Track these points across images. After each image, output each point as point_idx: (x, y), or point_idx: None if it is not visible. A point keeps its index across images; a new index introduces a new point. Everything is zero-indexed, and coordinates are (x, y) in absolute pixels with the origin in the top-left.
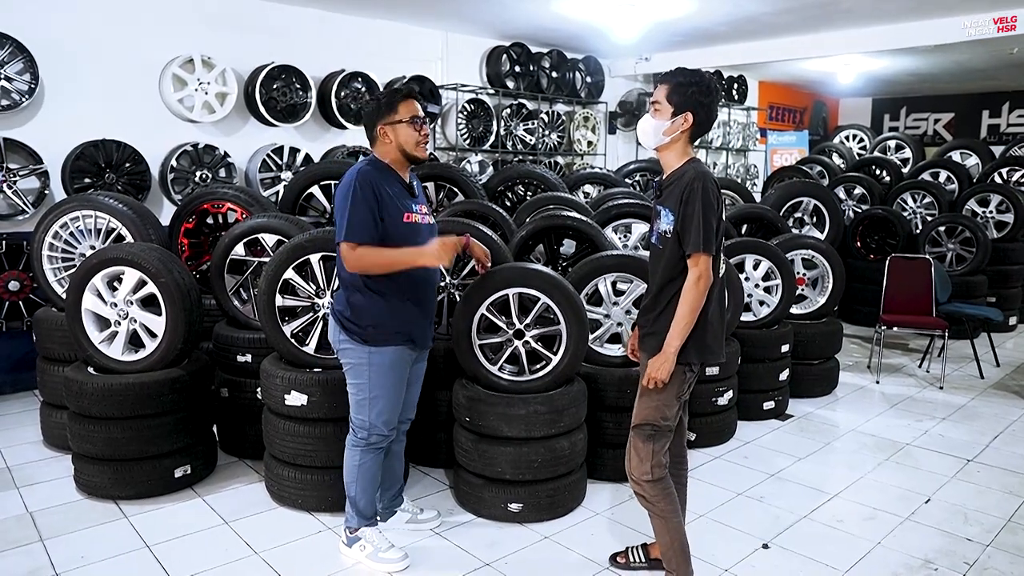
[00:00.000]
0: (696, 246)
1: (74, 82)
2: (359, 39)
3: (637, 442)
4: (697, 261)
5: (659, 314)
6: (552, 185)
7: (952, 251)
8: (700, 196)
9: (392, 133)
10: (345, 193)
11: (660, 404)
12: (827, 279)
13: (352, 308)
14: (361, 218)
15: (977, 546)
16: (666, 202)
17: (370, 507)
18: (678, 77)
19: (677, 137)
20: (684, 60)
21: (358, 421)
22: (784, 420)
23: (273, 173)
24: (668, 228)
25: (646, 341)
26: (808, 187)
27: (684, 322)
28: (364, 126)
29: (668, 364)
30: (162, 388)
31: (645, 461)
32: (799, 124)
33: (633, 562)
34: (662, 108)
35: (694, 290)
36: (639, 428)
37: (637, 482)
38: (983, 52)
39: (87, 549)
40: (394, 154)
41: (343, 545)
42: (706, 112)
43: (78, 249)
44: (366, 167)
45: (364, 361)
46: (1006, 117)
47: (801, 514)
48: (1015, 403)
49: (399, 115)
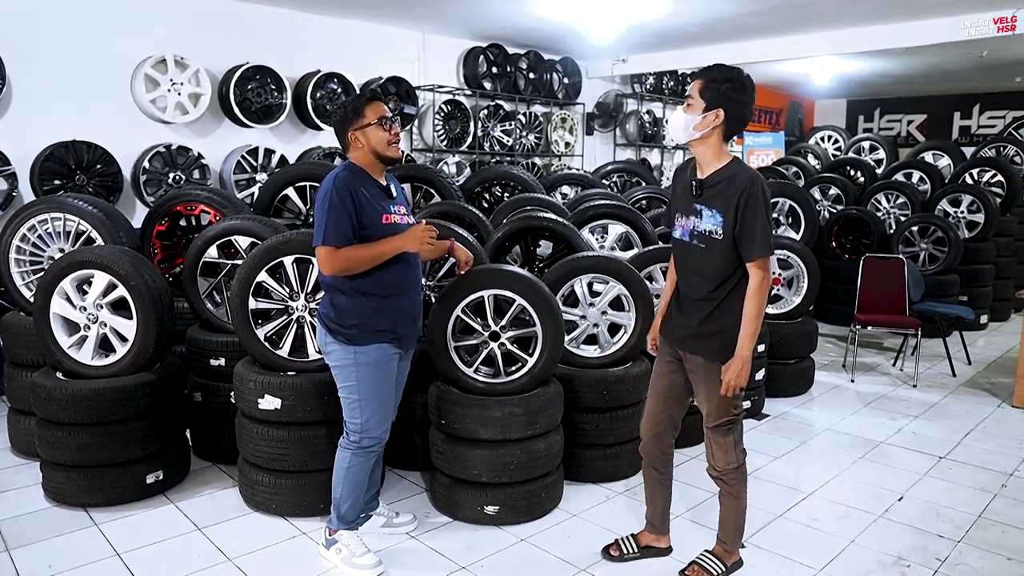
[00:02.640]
0: (763, 251)
1: (43, 82)
2: (335, 40)
3: (718, 438)
4: (763, 265)
5: (707, 315)
6: (529, 186)
7: (925, 251)
8: (762, 199)
9: (363, 137)
10: (323, 199)
11: (732, 399)
12: (802, 279)
13: (336, 309)
14: (339, 221)
15: (949, 542)
16: (712, 202)
17: (352, 512)
18: (713, 72)
19: (708, 134)
20: (661, 62)
21: (352, 424)
22: (760, 420)
23: (248, 175)
24: (715, 229)
25: (692, 342)
26: (784, 188)
27: (754, 326)
28: (336, 135)
29: (746, 368)
30: (133, 393)
31: (729, 452)
32: (775, 125)
33: (626, 553)
34: (695, 103)
35: (761, 293)
36: (718, 427)
37: (723, 472)
38: (954, 55)
39: (55, 558)
40: (368, 157)
41: (322, 547)
42: (740, 110)
43: (47, 252)
44: (343, 172)
45: (350, 361)
46: (977, 119)
47: (777, 513)
48: (986, 400)
49: (367, 118)
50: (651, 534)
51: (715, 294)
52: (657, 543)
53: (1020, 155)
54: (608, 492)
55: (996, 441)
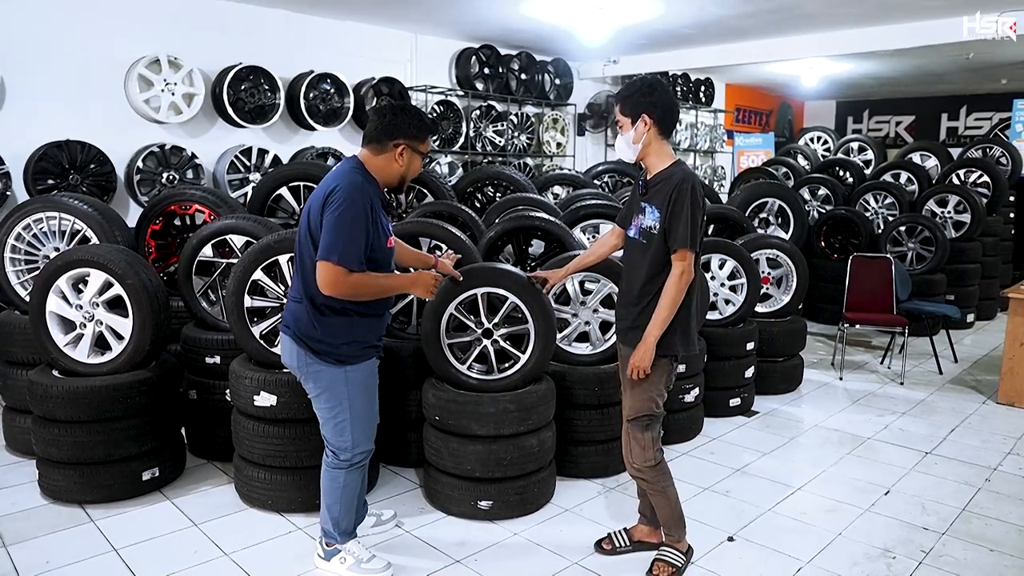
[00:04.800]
0: (683, 242)
1: (37, 81)
2: (328, 40)
3: (636, 433)
4: (683, 257)
5: (643, 308)
6: (521, 186)
7: (912, 250)
8: (689, 196)
9: (407, 157)
10: (339, 206)
11: (653, 395)
12: (791, 278)
13: (324, 328)
14: (356, 240)
15: (933, 535)
16: (652, 199)
17: (352, 523)
18: (623, 92)
19: (648, 140)
20: (651, 63)
21: (339, 443)
22: (750, 416)
23: (241, 174)
24: (653, 224)
25: (629, 335)
26: (773, 188)
27: (665, 314)
28: (377, 129)
29: (649, 353)
30: (129, 390)
31: (647, 449)
32: (765, 126)
33: (619, 546)
34: (623, 122)
35: (677, 285)
36: (636, 420)
37: (640, 470)
38: (941, 57)
39: (52, 554)
40: (392, 176)
41: (320, 559)
42: (660, 107)
43: (42, 251)
44: (360, 178)
45: (341, 382)
46: (964, 120)
47: (766, 507)
48: (971, 397)
49: (424, 146)
50: (644, 527)
51: (649, 287)
52: (650, 538)
53: (1006, 156)
54: (600, 487)
55: (981, 437)
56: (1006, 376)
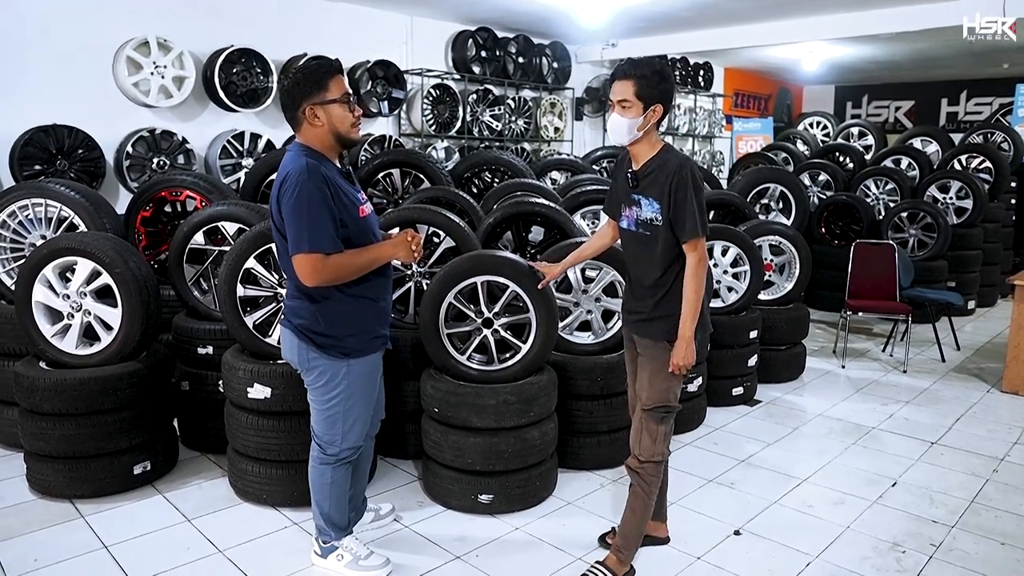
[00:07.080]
0: (693, 232)
1: (22, 64)
2: (322, 23)
3: (651, 424)
4: (696, 246)
5: (659, 300)
6: (519, 171)
7: (914, 237)
8: (690, 182)
9: (324, 114)
10: (292, 195)
11: (672, 385)
12: (794, 265)
13: (326, 319)
14: (322, 222)
15: (943, 528)
16: (647, 191)
17: (344, 518)
18: (641, 69)
19: (649, 130)
20: (650, 46)
21: (328, 437)
22: (753, 406)
23: (234, 160)
24: (654, 216)
25: (643, 327)
26: (774, 174)
27: (694, 305)
28: (283, 105)
29: (691, 348)
30: (119, 382)
31: (658, 442)
32: (764, 111)
33: None
34: (631, 105)
35: (697, 275)
36: (653, 411)
37: (644, 463)
38: (941, 41)
39: (41, 551)
40: (326, 139)
41: (317, 556)
42: (669, 98)
43: (28, 239)
44: (306, 159)
45: (342, 375)
46: (964, 105)
47: (771, 500)
48: (975, 385)
49: (330, 93)
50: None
51: (664, 279)
52: (655, 532)
53: (1007, 141)
54: (603, 479)
55: (986, 426)
56: (1011, 364)
